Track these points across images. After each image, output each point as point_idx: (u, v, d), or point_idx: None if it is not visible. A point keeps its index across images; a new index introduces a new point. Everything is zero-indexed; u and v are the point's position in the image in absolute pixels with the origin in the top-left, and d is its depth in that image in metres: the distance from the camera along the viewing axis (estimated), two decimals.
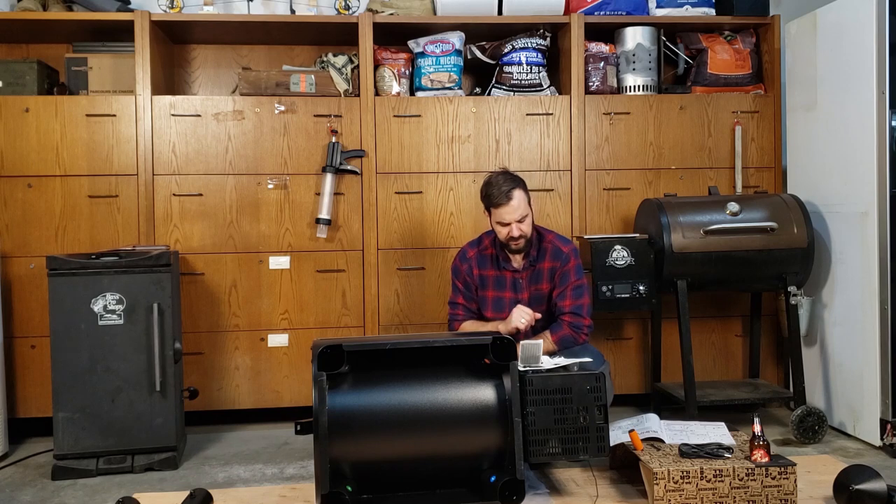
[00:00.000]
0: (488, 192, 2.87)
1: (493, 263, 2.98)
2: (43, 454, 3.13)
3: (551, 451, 2.36)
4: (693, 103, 3.65)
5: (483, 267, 2.98)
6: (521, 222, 2.84)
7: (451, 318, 3.02)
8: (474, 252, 3.00)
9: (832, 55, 3.27)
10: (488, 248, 3.00)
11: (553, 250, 2.95)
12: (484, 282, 2.98)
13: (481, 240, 3.04)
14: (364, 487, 2.32)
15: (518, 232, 2.84)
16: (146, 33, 3.36)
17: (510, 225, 2.84)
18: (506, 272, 2.96)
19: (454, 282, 3.03)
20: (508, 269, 2.95)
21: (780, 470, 2.29)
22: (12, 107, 3.33)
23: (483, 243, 3.02)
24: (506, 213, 2.83)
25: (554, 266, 2.94)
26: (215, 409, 3.47)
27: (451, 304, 3.04)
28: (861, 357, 3.13)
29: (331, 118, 3.48)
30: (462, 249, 3.05)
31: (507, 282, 2.95)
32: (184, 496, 2.41)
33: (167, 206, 3.41)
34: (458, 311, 3.01)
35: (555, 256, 2.94)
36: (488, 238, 3.02)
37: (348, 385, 2.32)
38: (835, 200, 3.29)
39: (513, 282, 2.95)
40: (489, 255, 2.99)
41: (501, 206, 2.83)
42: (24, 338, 3.33)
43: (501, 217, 2.84)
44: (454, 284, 3.03)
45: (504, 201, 2.82)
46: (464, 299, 3.00)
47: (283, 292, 3.48)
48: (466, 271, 2.98)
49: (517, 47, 3.62)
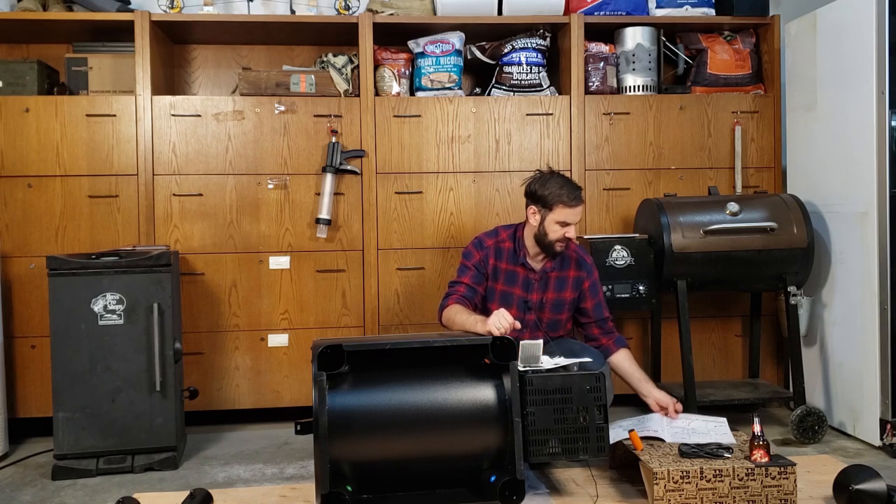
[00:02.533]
0: (558, 191, 2.81)
1: (510, 258, 2.93)
2: (43, 454, 3.13)
3: (551, 451, 2.36)
4: (693, 103, 3.65)
5: (499, 259, 2.93)
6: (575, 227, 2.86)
7: (448, 293, 2.90)
8: (492, 242, 2.95)
9: (832, 55, 3.28)
10: (505, 241, 2.95)
11: (577, 260, 2.96)
12: (496, 274, 2.93)
13: (497, 232, 2.99)
14: (364, 487, 2.32)
15: (574, 234, 2.84)
16: (146, 33, 3.36)
17: (571, 226, 2.82)
18: (520, 269, 2.92)
19: (464, 263, 2.94)
20: (525, 267, 2.92)
21: (780, 470, 2.29)
22: (12, 107, 3.33)
23: (500, 236, 2.97)
24: (574, 215, 2.81)
25: (580, 276, 2.94)
26: (215, 409, 3.47)
27: (451, 284, 2.94)
28: (861, 357, 3.13)
29: (331, 118, 3.48)
30: (478, 238, 2.98)
31: (518, 279, 2.92)
32: (184, 496, 2.41)
33: (167, 206, 3.41)
34: (458, 288, 2.89)
35: (579, 266, 2.95)
36: (505, 231, 2.98)
37: (348, 385, 2.33)
38: (835, 200, 3.29)
39: (525, 280, 2.92)
40: (506, 249, 2.94)
41: (574, 206, 2.80)
42: (24, 338, 3.34)
43: (568, 217, 2.81)
44: (463, 266, 2.94)
45: (578, 203, 2.81)
46: (469, 280, 2.89)
47: (283, 292, 3.48)
48: (482, 258, 2.92)
49: (517, 47, 3.63)
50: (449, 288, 2.93)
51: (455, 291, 2.88)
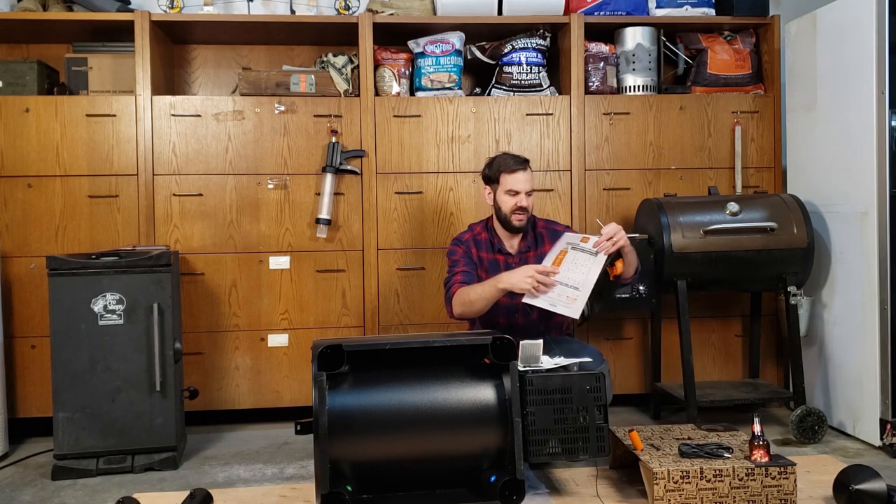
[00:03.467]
0: (500, 162, 2.90)
1: (488, 247, 2.99)
2: (43, 454, 3.13)
3: (551, 451, 2.36)
4: (693, 103, 3.65)
5: (479, 249, 2.99)
6: (528, 195, 2.87)
7: (448, 286, 2.88)
8: (469, 236, 3.02)
9: (832, 55, 3.28)
10: (480, 233, 3.02)
11: (550, 231, 3.00)
12: (481, 263, 2.98)
13: (471, 228, 3.06)
14: (364, 487, 2.32)
15: (526, 202, 2.86)
16: (146, 33, 3.36)
17: (520, 194, 2.85)
18: (499, 256, 2.97)
19: (452, 260, 2.95)
20: (502, 253, 2.96)
21: (780, 470, 2.29)
22: (12, 107, 3.33)
23: (475, 230, 3.04)
24: (519, 181, 2.85)
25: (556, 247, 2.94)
26: (215, 409, 3.47)
27: (447, 279, 2.92)
28: (861, 357, 3.13)
29: (331, 118, 3.48)
30: (455, 238, 3.04)
31: (500, 266, 2.95)
32: (184, 496, 2.41)
33: (167, 206, 3.41)
34: (456, 277, 2.87)
35: (553, 236, 2.97)
36: (478, 225, 3.05)
37: (348, 385, 2.33)
38: (835, 200, 3.29)
39: (507, 266, 2.93)
40: (483, 240, 3.00)
41: (517, 172, 2.85)
42: (24, 338, 3.34)
43: (514, 184, 2.85)
44: (452, 262, 2.94)
45: (518, 167, 2.86)
46: (464, 266, 2.90)
47: (283, 292, 3.48)
48: (465, 249, 2.96)
49: (517, 47, 3.62)
50: (445, 285, 2.92)
51: (454, 281, 2.88)
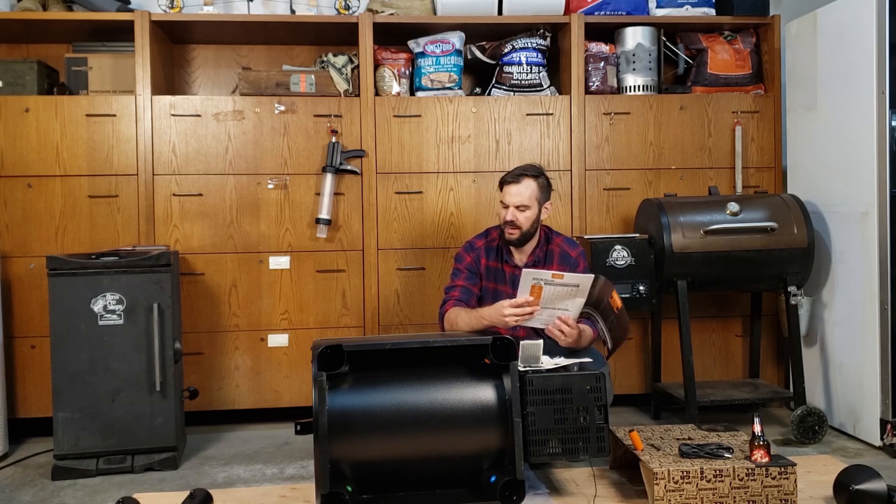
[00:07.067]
0: (508, 172, 2.91)
1: (497, 256, 2.97)
2: (43, 454, 3.13)
3: (551, 452, 2.36)
4: (693, 103, 3.65)
5: (489, 257, 2.97)
6: (519, 210, 2.83)
7: (445, 300, 2.92)
8: (482, 242, 2.99)
9: (832, 55, 3.27)
10: (495, 239, 2.99)
11: (561, 254, 2.95)
12: (487, 273, 2.96)
13: (489, 232, 3.04)
14: (364, 487, 2.32)
15: (511, 217, 2.83)
16: (146, 33, 3.36)
17: (509, 208, 2.84)
18: (505, 266, 2.95)
19: (456, 267, 2.97)
20: (509, 264, 2.94)
21: (781, 470, 2.29)
22: (12, 107, 3.33)
23: (490, 235, 3.02)
24: (508, 194, 2.85)
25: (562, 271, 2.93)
26: (215, 409, 3.47)
27: (447, 290, 2.96)
28: (861, 357, 3.13)
29: (331, 118, 3.48)
30: (469, 241, 3.03)
31: (505, 276, 2.94)
32: (184, 496, 2.41)
33: (167, 206, 3.41)
34: (453, 293, 2.90)
35: (563, 260, 2.93)
36: (496, 231, 3.02)
37: (348, 385, 2.32)
38: (835, 200, 3.29)
39: (511, 277, 2.92)
40: (495, 247, 2.98)
41: (508, 185, 2.86)
42: (24, 338, 3.33)
43: (504, 197, 2.87)
44: (455, 270, 2.97)
45: (511, 180, 2.86)
46: (463, 282, 2.91)
47: (283, 292, 3.48)
48: (474, 259, 2.96)
49: (517, 47, 3.62)
50: (445, 294, 2.96)
51: (450, 297, 2.91)
